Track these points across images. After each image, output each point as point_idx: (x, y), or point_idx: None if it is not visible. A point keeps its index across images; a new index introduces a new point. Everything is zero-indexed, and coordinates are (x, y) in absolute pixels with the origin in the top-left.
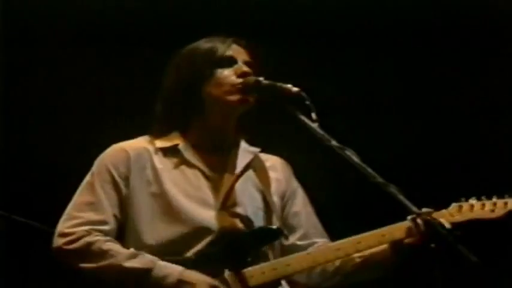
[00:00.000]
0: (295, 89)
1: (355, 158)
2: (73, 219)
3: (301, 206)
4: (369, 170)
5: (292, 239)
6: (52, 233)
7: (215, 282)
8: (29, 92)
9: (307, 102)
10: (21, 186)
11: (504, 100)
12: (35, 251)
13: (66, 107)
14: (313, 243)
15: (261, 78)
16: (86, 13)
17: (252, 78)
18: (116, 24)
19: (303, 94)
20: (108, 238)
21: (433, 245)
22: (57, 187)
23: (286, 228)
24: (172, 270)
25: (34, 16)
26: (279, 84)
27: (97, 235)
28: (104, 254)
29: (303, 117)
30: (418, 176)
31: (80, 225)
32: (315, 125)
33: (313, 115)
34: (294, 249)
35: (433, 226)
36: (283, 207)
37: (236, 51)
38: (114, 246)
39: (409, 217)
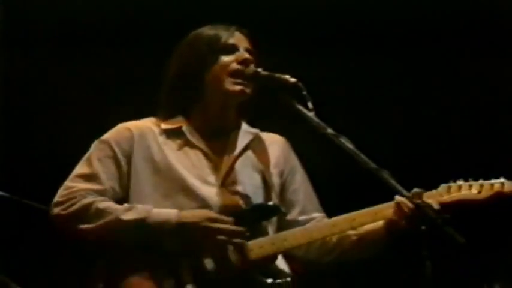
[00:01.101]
0: (292, 79)
1: (349, 145)
2: (68, 188)
3: (299, 182)
4: (362, 156)
5: (292, 215)
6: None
7: (212, 213)
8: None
9: (304, 92)
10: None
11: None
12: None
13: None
14: (312, 219)
15: (259, 69)
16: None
17: (251, 69)
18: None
19: (300, 84)
20: (104, 198)
21: (422, 227)
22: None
23: (286, 204)
24: (168, 214)
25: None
26: (276, 74)
27: (92, 197)
28: (101, 212)
29: (299, 106)
30: (412, 160)
31: (74, 192)
32: (311, 114)
33: (309, 104)
34: (293, 224)
35: (422, 209)
36: (282, 184)
37: (238, 39)
38: (110, 204)
39: (396, 197)
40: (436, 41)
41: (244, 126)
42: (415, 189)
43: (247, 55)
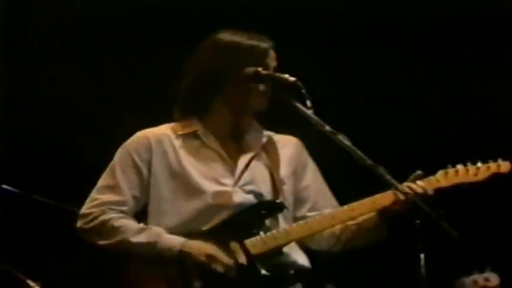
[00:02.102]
0: (291, 78)
1: (347, 142)
2: (93, 201)
3: (311, 179)
4: (359, 152)
5: (302, 211)
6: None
7: (213, 251)
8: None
9: (303, 91)
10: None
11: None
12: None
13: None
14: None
15: (259, 69)
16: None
17: (251, 69)
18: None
19: (299, 83)
20: (121, 215)
21: (417, 221)
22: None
23: (298, 201)
24: (175, 242)
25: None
26: (276, 74)
27: (112, 213)
28: (115, 230)
29: (298, 105)
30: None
31: (98, 205)
32: (309, 112)
33: (308, 102)
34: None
35: (417, 205)
36: (295, 183)
37: (272, 58)
38: (125, 222)
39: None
40: (424, 33)
41: (257, 127)
42: (418, 172)
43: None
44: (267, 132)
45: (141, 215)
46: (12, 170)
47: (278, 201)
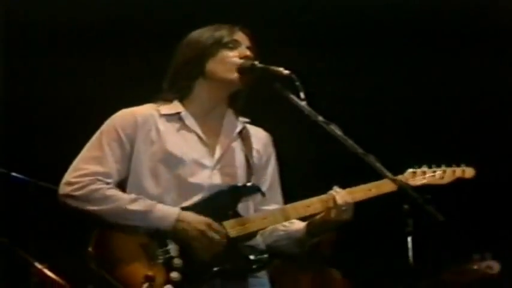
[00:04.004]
0: (285, 71)
1: (339, 132)
2: (79, 170)
3: (269, 174)
4: (350, 141)
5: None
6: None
7: (210, 220)
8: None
9: (297, 83)
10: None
11: None
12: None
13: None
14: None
15: (256, 62)
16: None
17: (248, 62)
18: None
19: (293, 76)
20: (110, 186)
21: (406, 206)
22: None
23: None
24: (170, 211)
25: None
26: (271, 67)
27: (100, 184)
28: (108, 198)
29: (292, 96)
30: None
31: (86, 175)
32: (303, 103)
33: (302, 94)
34: (256, 211)
35: (406, 190)
36: (258, 173)
37: (241, 37)
38: (116, 192)
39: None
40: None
41: (233, 115)
42: (409, 170)
43: (248, 52)
44: (242, 119)
45: (120, 186)
46: (21, 159)
47: (253, 184)
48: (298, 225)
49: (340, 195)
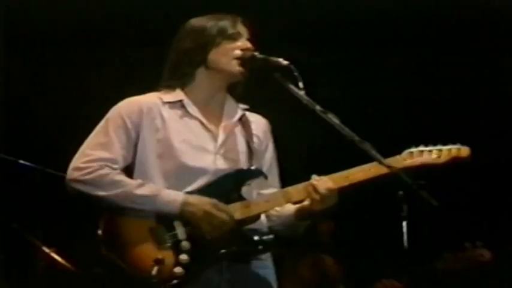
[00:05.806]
0: (285, 62)
1: (336, 120)
2: (87, 156)
3: (267, 160)
4: (347, 129)
5: None
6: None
7: (215, 201)
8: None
9: (295, 74)
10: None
11: None
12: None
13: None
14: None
15: (256, 53)
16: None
17: (248, 53)
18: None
19: (292, 66)
20: (118, 171)
21: (400, 192)
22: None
23: None
24: (176, 196)
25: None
26: (271, 58)
27: (107, 169)
28: (116, 183)
29: (291, 86)
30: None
31: (93, 161)
32: (301, 93)
33: (300, 84)
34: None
35: (400, 176)
36: (257, 158)
37: (242, 29)
38: (124, 177)
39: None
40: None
41: (232, 100)
42: (407, 150)
43: (249, 44)
44: (242, 106)
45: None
46: (28, 147)
47: (255, 168)
48: (289, 210)
49: (321, 182)
